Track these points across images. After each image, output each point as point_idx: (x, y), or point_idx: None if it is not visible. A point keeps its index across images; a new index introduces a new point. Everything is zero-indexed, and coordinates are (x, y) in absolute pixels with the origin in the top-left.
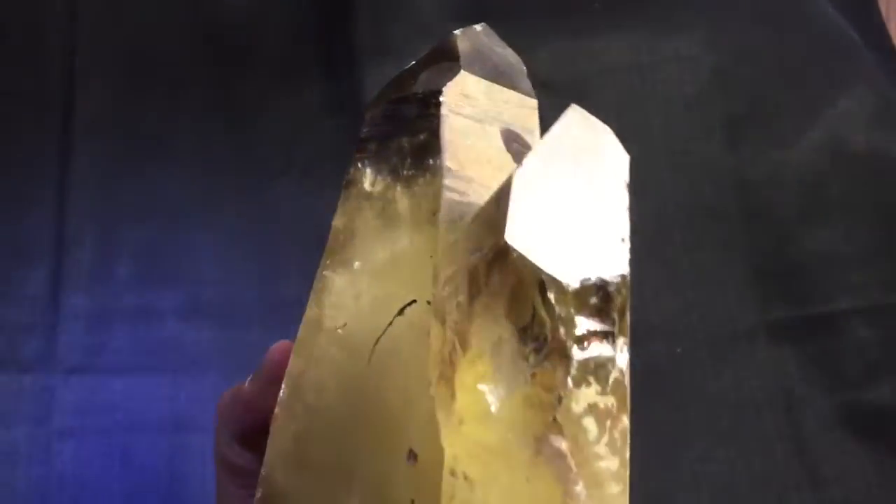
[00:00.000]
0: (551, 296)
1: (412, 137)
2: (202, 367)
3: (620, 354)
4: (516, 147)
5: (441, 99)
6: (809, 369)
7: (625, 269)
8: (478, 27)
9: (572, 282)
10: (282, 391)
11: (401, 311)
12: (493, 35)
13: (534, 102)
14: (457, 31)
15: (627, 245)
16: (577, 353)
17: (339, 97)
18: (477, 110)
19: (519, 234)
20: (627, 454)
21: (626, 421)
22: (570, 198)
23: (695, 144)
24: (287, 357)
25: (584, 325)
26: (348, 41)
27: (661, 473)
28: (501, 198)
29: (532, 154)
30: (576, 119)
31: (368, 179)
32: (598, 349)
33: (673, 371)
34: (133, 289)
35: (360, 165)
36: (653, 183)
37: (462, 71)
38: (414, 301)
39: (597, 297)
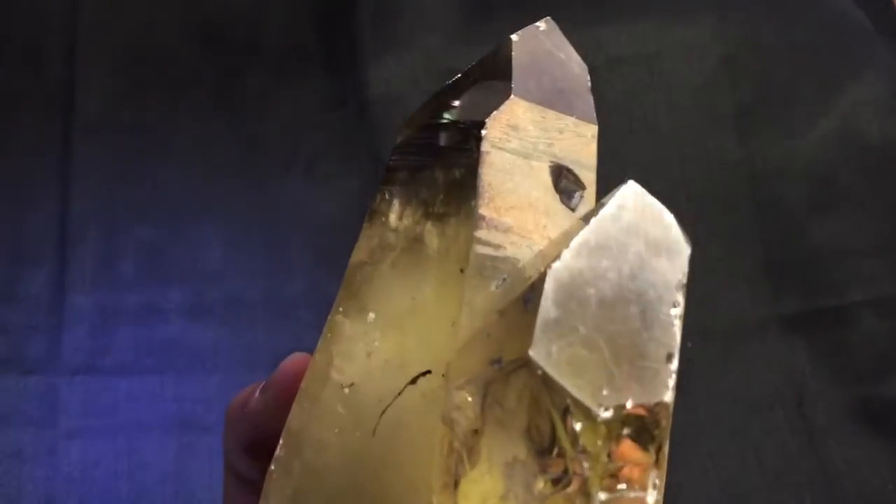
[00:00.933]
0: (577, 425)
1: (447, 171)
2: (207, 366)
3: (652, 492)
4: (565, 185)
5: (483, 133)
6: (821, 362)
7: (668, 394)
8: (541, 25)
9: (603, 410)
10: (279, 447)
11: (413, 381)
12: (557, 34)
13: (592, 129)
14: (515, 36)
15: (675, 364)
16: (600, 494)
17: (342, 91)
18: (524, 143)
19: (546, 349)
20: None
21: None
22: (613, 303)
23: (703, 135)
24: (300, 372)
25: (612, 461)
26: (350, 34)
27: (671, 470)
28: (531, 298)
29: (574, 244)
30: (631, 200)
31: (395, 212)
32: (626, 489)
33: (683, 366)
34: (137, 288)
35: (386, 196)
36: (661, 175)
37: (512, 97)
38: (428, 371)
39: (631, 429)
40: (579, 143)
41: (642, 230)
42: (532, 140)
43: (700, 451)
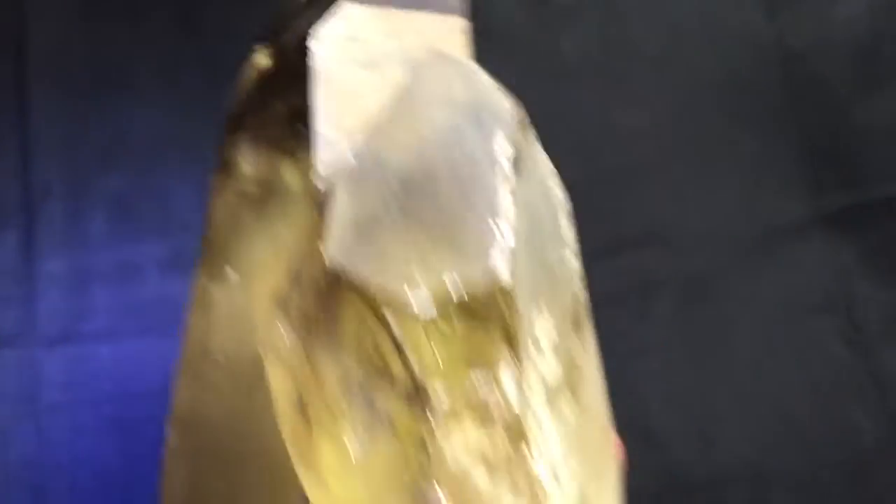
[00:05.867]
0: (393, 321)
1: (288, 102)
2: None
3: (507, 381)
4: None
5: (312, 49)
6: (871, 262)
7: (502, 273)
8: None
9: (419, 301)
10: (170, 434)
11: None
12: None
13: (457, 23)
14: None
15: (510, 241)
16: (440, 388)
17: None
18: (371, 53)
19: (342, 249)
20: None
21: (527, 453)
22: (421, 180)
23: (728, 10)
24: None
25: (445, 351)
26: None
27: (706, 393)
28: (322, 200)
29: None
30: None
31: (247, 160)
32: (472, 381)
33: (716, 276)
34: (110, 244)
35: (234, 144)
36: (682, 59)
37: (343, 2)
38: None
39: (461, 318)
40: (441, 37)
41: (441, 91)
42: (380, 48)
43: (741, 367)
